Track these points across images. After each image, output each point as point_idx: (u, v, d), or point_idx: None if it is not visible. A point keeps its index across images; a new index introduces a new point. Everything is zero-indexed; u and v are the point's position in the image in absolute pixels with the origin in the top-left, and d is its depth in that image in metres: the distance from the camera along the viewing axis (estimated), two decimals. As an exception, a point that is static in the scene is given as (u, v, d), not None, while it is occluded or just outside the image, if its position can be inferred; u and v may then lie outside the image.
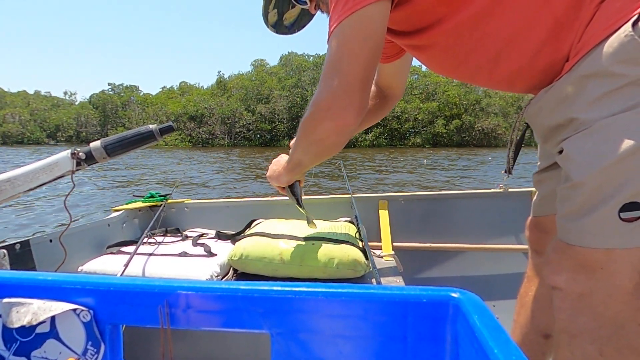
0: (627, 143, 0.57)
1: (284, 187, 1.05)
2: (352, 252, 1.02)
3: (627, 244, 0.60)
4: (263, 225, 1.24)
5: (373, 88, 1.13)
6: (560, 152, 0.66)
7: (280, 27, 1.00)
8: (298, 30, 1.01)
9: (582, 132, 0.62)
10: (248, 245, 1.05)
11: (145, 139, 1.06)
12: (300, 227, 1.18)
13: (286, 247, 1.03)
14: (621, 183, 0.59)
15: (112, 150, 1.03)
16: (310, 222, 1.14)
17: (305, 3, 0.90)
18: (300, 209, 1.08)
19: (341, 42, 0.66)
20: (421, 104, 42.37)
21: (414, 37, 0.77)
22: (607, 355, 0.64)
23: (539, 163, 0.93)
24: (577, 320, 0.67)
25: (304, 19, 0.98)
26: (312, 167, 0.96)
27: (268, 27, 1.01)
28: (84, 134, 46.19)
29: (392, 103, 1.14)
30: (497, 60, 0.71)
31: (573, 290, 0.67)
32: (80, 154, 1.01)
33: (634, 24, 0.56)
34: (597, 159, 0.60)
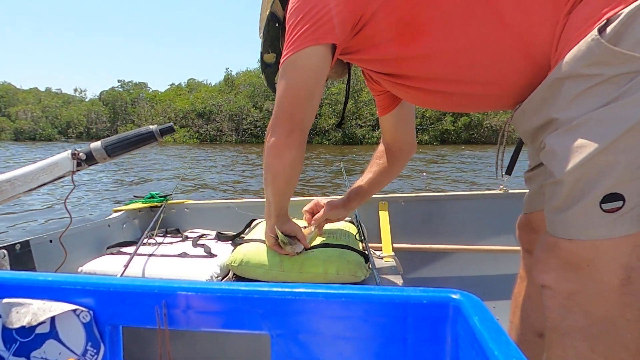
0: (603, 137, 0.61)
1: (278, 245, 0.97)
2: (352, 258, 1.00)
3: (610, 234, 0.63)
4: (263, 225, 1.24)
5: (382, 147, 1.16)
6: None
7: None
8: None
9: (561, 130, 0.66)
10: (248, 252, 1.03)
11: (145, 139, 1.06)
12: None
13: (286, 255, 1.02)
14: (600, 175, 0.62)
15: (113, 150, 1.03)
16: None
17: None
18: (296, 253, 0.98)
19: (279, 80, 0.83)
20: (429, 101, 42.06)
21: (395, 78, 0.85)
22: (598, 352, 0.65)
23: (529, 162, 0.96)
24: (568, 319, 0.68)
25: None
26: (281, 205, 0.94)
27: (262, 73, 1.02)
28: (94, 130, 46.17)
29: (402, 159, 1.14)
30: (482, 88, 0.78)
31: (562, 288, 0.68)
32: (80, 154, 1.01)
33: (601, 30, 0.62)
34: (575, 154, 0.63)
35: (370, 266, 1.01)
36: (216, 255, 1.16)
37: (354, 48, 0.82)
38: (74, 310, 0.42)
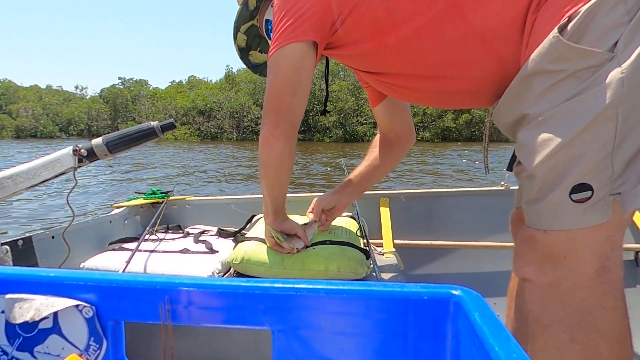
0: (569, 129, 0.63)
1: (278, 245, 0.97)
2: (353, 255, 0.99)
3: (582, 224, 0.64)
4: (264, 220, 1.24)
5: (378, 136, 1.16)
6: None
7: (244, 57, 1.06)
8: (261, 75, 1.03)
9: (532, 124, 0.68)
10: (249, 250, 1.03)
11: (146, 135, 1.06)
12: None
13: (288, 253, 1.02)
14: (567, 167, 0.64)
15: (114, 147, 1.03)
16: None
17: None
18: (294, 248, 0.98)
19: (267, 75, 0.86)
20: (429, 98, 41.85)
21: (373, 75, 0.88)
22: (578, 341, 0.67)
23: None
24: (548, 310, 0.70)
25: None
26: (277, 202, 0.95)
27: (234, 44, 1.03)
28: (95, 127, 46.16)
29: (400, 148, 1.15)
30: (454, 84, 0.81)
31: (541, 281, 0.70)
32: (82, 150, 1.01)
33: (562, 27, 0.64)
34: (544, 148, 0.65)
35: (371, 262, 1.01)
36: (217, 252, 1.16)
37: (334, 44, 0.85)
38: (77, 306, 0.42)
